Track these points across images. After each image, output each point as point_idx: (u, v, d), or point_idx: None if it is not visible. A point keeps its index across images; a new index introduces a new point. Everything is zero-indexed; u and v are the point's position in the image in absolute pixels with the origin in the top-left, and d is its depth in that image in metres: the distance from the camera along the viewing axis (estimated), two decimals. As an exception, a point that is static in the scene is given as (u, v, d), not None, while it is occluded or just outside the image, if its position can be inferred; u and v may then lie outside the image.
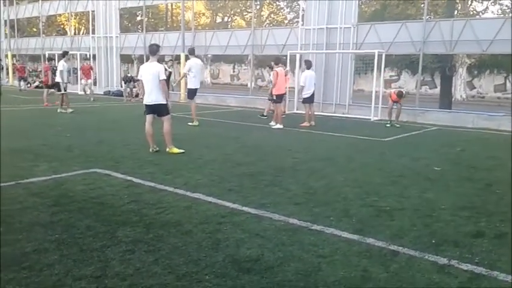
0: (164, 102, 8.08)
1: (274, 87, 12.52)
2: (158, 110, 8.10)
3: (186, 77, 12.50)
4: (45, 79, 18.00)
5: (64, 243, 3.81)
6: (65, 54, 15.41)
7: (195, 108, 12.56)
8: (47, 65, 18.89)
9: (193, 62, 12.29)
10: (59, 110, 14.57)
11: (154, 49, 8.05)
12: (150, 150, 8.05)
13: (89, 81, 21.16)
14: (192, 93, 12.47)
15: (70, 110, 14.61)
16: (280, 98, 12.64)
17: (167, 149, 8.06)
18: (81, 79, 21.43)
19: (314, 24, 17.55)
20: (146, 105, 8.08)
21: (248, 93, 21.43)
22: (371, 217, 4.75)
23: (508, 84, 32.01)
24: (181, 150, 8.07)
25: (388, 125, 13.57)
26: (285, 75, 14.41)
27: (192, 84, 12.35)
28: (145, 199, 5.15)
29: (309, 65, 13.72)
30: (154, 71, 7.83)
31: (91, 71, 21.51)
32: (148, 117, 8.13)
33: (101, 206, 4.87)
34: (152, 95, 7.93)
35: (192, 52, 12.64)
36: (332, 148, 9.23)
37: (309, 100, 13.44)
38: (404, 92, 14.45)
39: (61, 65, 14.87)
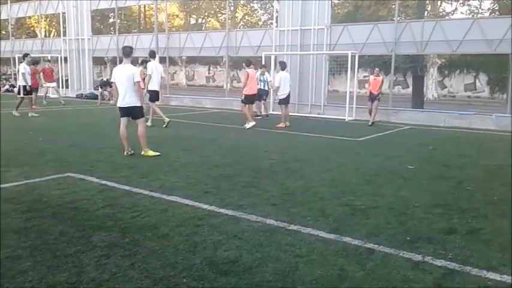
0: (139, 105, 8.00)
1: (245, 88, 12.55)
2: (133, 113, 8.01)
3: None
4: (34, 82, 17.33)
5: (38, 249, 3.73)
6: (25, 56, 15.11)
7: (158, 109, 12.52)
8: (33, 68, 18.61)
9: (154, 64, 12.34)
10: (30, 114, 14.26)
11: (127, 51, 7.96)
12: (125, 153, 7.95)
13: (53, 84, 20.63)
14: (153, 95, 12.40)
15: (32, 114, 14.36)
16: (250, 99, 12.67)
17: (142, 152, 7.98)
18: (44, 83, 21.09)
19: (288, 25, 17.66)
20: (120, 107, 7.97)
21: (224, 95, 21.40)
22: (347, 216, 4.81)
23: (478, 84, 32.83)
24: (157, 153, 8.00)
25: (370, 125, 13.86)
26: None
27: (153, 87, 12.28)
28: (120, 203, 5.08)
29: (283, 66, 13.79)
30: (129, 73, 7.74)
31: (53, 74, 20.96)
32: (123, 120, 8.02)
33: (75, 210, 4.79)
34: (126, 98, 7.84)
35: (152, 55, 12.76)
36: (308, 149, 9.30)
37: (285, 101, 13.51)
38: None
39: (22, 68, 14.56)
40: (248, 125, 12.36)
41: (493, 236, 4.27)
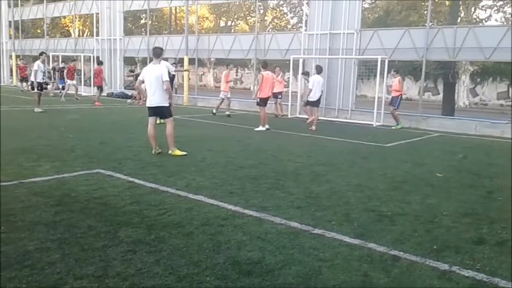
0: (167, 105, 8.11)
1: (259, 90, 12.63)
2: (160, 112, 8.13)
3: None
4: (97, 80, 19.54)
5: (66, 242, 3.82)
6: (40, 54, 15.71)
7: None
8: (98, 67, 20.18)
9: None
10: (36, 110, 14.67)
11: (158, 52, 8.11)
12: (153, 152, 8.07)
13: (73, 81, 21.54)
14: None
15: (39, 110, 14.70)
16: (264, 102, 12.71)
17: (169, 151, 8.08)
18: (65, 79, 22.08)
19: (317, 29, 17.59)
20: (149, 107, 8.10)
21: (251, 97, 21.46)
22: (372, 222, 4.75)
23: (511, 92, 31.97)
24: (184, 153, 8.08)
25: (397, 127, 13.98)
26: (277, 79, 14.75)
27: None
28: (147, 200, 5.16)
29: (319, 70, 13.88)
30: (158, 73, 7.86)
31: (75, 72, 21.88)
32: (151, 119, 8.14)
33: (103, 206, 4.88)
34: (155, 97, 7.95)
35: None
36: (334, 153, 9.23)
37: (315, 104, 13.57)
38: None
39: (36, 65, 15.11)
40: (258, 128, 12.44)
41: (510, 243, 4.15)
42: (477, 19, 32.17)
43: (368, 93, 29.84)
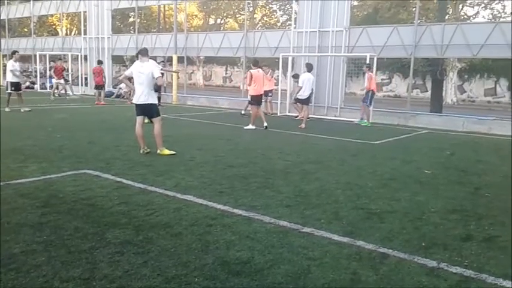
0: (155, 103, 8.06)
1: (250, 89, 12.55)
2: (149, 111, 8.08)
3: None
4: (98, 79, 19.61)
5: (52, 244, 3.78)
6: (13, 53, 15.53)
7: None
8: (98, 67, 20.19)
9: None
10: (22, 110, 14.52)
11: (145, 51, 8.11)
12: (141, 151, 8.01)
13: (61, 80, 21.36)
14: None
15: (26, 109, 14.62)
16: (256, 100, 12.62)
17: (158, 151, 8.03)
18: (51, 78, 22.15)
19: (306, 27, 17.59)
20: (137, 105, 8.04)
21: (240, 95, 21.43)
22: (361, 220, 4.76)
23: (498, 89, 32.29)
24: (173, 152, 8.04)
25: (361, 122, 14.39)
26: (266, 77, 14.79)
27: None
28: (135, 201, 5.12)
29: (309, 68, 14.02)
30: (148, 70, 7.81)
31: (62, 71, 21.76)
32: (139, 119, 8.09)
33: (91, 207, 4.84)
34: (144, 95, 7.90)
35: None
36: (324, 151, 9.24)
37: (305, 101, 13.64)
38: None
39: (10, 65, 14.90)
40: (247, 127, 12.38)
41: (510, 244, 4.18)
42: (465, 16, 32.40)
43: (357, 91, 29.93)
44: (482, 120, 14.75)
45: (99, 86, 19.73)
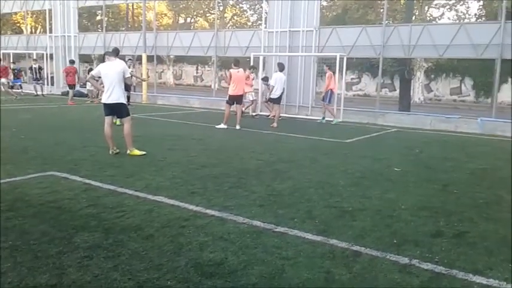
0: (124, 102, 7.93)
1: (229, 89, 12.49)
2: (118, 110, 7.92)
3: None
4: (70, 79, 19.43)
5: (18, 250, 3.63)
6: None
7: None
8: (70, 66, 19.96)
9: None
10: None
11: (114, 51, 8.02)
12: (110, 152, 7.84)
13: (3, 80, 21.13)
14: None
15: None
16: (234, 99, 12.55)
17: (128, 151, 7.87)
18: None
19: (277, 27, 17.62)
20: (105, 104, 7.86)
21: (212, 94, 21.30)
22: (334, 218, 4.78)
23: (463, 88, 33.20)
24: (143, 152, 7.90)
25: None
26: (248, 78, 14.73)
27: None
28: (104, 203, 4.99)
29: (281, 67, 14.19)
30: (119, 69, 7.66)
31: (7, 71, 21.74)
32: (107, 119, 7.91)
33: (58, 210, 4.68)
34: (113, 94, 7.73)
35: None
36: (296, 150, 9.27)
37: (276, 101, 13.74)
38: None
39: None
40: (219, 126, 12.34)
41: (479, 240, 4.27)
42: (431, 17, 33.19)
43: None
44: (449, 118, 15.12)
45: (71, 86, 19.38)
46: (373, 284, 3.29)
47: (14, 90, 22.31)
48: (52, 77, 25.73)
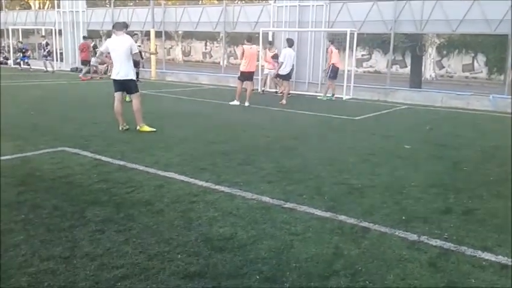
0: (134, 78, 7.91)
1: (241, 65, 12.36)
2: (127, 87, 7.91)
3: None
4: (84, 55, 19.52)
5: (31, 223, 3.70)
6: None
7: None
8: (84, 42, 20.18)
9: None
10: None
11: (122, 25, 7.91)
12: (120, 128, 7.87)
13: None
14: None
15: None
16: (245, 76, 12.35)
17: (138, 128, 7.90)
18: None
19: (286, 1, 17.36)
20: (115, 80, 7.85)
21: (220, 71, 21.20)
22: (343, 195, 4.79)
23: (476, 64, 32.69)
24: (153, 129, 7.92)
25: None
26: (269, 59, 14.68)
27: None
28: (115, 178, 5.03)
29: (290, 43, 13.92)
30: (127, 45, 7.62)
31: None
32: (117, 95, 7.92)
33: (69, 185, 4.74)
34: (122, 71, 7.71)
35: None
36: (305, 127, 9.24)
37: (286, 77, 13.55)
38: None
39: None
40: (232, 102, 12.29)
41: (489, 217, 4.26)
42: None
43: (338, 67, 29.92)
44: (461, 95, 14.94)
45: (85, 62, 19.42)
46: (382, 259, 3.31)
47: (22, 66, 22.56)
48: (61, 53, 25.70)
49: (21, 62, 23.54)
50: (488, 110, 13.39)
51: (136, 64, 18.67)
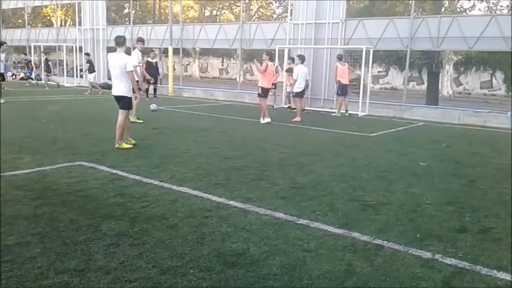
0: (128, 95, 7.75)
1: (261, 81, 12.40)
2: (120, 102, 7.79)
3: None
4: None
5: (47, 236, 3.77)
6: (1, 44, 16.48)
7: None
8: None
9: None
10: (2, 101, 14.32)
11: (120, 41, 7.75)
12: (116, 145, 7.68)
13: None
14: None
15: (2, 101, 14.33)
16: (266, 93, 12.44)
17: (116, 145, 7.67)
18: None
19: (303, 19, 17.51)
20: (113, 96, 7.86)
21: (236, 87, 21.36)
22: (357, 212, 4.77)
23: (494, 81, 32.33)
24: (130, 146, 7.77)
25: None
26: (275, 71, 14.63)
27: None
28: (130, 192, 5.10)
29: (302, 59, 13.84)
30: (121, 63, 7.54)
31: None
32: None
33: (86, 199, 4.82)
34: (115, 87, 7.72)
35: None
36: (319, 143, 9.24)
37: (301, 95, 13.54)
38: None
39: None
40: (263, 121, 12.23)
41: (505, 236, 4.20)
42: (461, 8, 32.34)
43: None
44: (478, 112, 14.78)
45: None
46: (395, 277, 3.29)
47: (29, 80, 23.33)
48: (81, 69, 26.19)
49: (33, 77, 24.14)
50: (506, 128, 13.18)
51: (155, 80, 19.01)
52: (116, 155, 7.11)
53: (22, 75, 27.89)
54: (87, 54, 21.39)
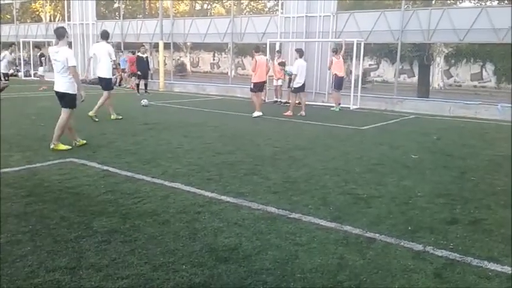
0: (70, 92, 7.12)
1: (254, 76, 12.38)
2: (62, 100, 7.21)
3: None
4: (133, 68, 19.93)
5: (38, 234, 3.74)
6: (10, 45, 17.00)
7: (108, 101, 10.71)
8: (132, 56, 20.53)
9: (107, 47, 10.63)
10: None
11: (60, 32, 7.02)
12: (73, 144, 7.33)
13: None
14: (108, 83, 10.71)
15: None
16: (258, 87, 12.45)
17: (51, 146, 7.05)
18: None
19: (294, 12, 17.46)
20: (55, 92, 7.26)
21: (228, 82, 21.31)
22: (349, 205, 4.79)
23: (484, 73, 32.52)
24: (68, 147, 7.14)
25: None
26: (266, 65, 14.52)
27: (103, 73, 10.59)
28: (122, 189, 5.08)
29: (301, 53, 13.66)
30: (62, 57, 6.89)
31: None
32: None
33: (77, 196, 4.79)
34: (57, 83, 7.13)
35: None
36: (312, 137, 9.25)
37: (300, 89, 13.41)
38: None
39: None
40: (255, 114, 12.23)
41: (496, 227, 4.24)
42: (451, 1, 32.43)
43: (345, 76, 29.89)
44: (468, 104, 14.87)
45: (134, 74, 19.99)
46: (387, 270, 3.30)
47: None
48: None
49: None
50: (496, 119, 13.30)
51: (145, 75, 19.01)
52: (107, 151, 7.07)
53: (12, 71, 27.57)
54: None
